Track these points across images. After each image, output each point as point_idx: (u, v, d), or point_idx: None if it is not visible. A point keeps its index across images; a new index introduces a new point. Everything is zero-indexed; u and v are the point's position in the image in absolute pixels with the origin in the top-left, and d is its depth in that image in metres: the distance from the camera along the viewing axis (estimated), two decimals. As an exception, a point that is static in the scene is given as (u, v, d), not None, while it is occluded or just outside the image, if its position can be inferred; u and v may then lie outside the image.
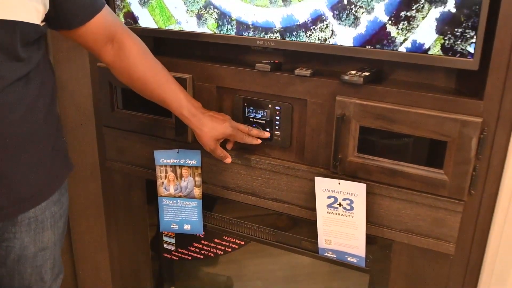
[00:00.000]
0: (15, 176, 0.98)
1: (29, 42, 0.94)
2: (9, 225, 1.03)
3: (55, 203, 1.11)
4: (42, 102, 1.01)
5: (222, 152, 1.18)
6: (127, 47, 1.08)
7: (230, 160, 1.21)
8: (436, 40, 0.97)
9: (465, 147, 1.00)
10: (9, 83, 0.91)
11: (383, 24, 1.01)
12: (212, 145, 1.15)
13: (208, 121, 1.13)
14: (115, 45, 1.08)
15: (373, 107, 1.06)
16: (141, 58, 1.10)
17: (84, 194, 1.59)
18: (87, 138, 1.52)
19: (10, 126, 0.93)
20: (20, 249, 1.07)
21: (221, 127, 1.14)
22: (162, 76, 1.12)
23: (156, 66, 1.13)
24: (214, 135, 1.14)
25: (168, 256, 1.56)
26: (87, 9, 1.02)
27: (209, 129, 1.13)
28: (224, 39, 1.21)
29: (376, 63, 1.13)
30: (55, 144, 1.08)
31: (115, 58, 1.09)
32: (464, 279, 1.14)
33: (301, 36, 1.11)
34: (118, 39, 1.08)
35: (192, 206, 1.36)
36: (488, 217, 1.06)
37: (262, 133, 1.22)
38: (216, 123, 1.14)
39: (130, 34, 1.11)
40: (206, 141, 1.14)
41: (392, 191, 1.11)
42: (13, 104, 0.93)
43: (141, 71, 1.10)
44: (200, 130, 1.13)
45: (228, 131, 1.15)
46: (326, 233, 1.20)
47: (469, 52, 0.95)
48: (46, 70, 1.04)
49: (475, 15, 0.92)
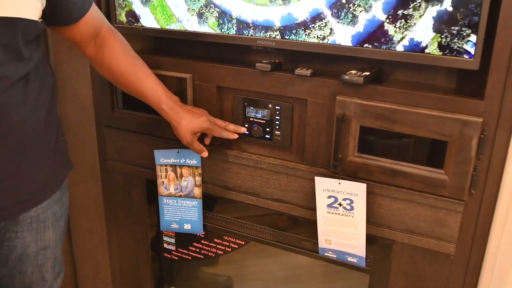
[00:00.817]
0: (17, 176, 0.98)
1: (29, 40, 0.94)
2: (11, 225, 1.03)
3: (56, 202, 1.11)
4: (43, 101, 1.01)
5: (199, 145, 1.20)
6: (109, 42, 1.12)
7: (206, 154, 1.23)
8: (433, 38, 0.97)
9: (466, 147, 0.99)
10: (12, 83, 0.91)
11: (381, 22, 1.01)
12: (189, 138, 1.17)
13: (185, 115, 1.16)
14: (98, 41, 1.12)
15: (373, 107, 1.06)
16: (122, 53, 1.14)
17: (84, 194, 1.59)
18: (87, 138, 1.52)
19: (12, 126, 0.93)
20: (22, 248, 1.07)
21: (198, 121, 1.16)
22: (142, 71, 1.16)
23: (137, 62, 1.16)
24: (191, 128, 1.16)
25: (168, 255, 1.56)
26: (80, 7, 1.05)
27: (186, 123, 1.15)
28: (224, 39, 1.21)
29: (376, 63, 1.13)
30: (56, 143, 1.08)
31: (97, 52, 1.13)
32: (465, 279, 1.14)
33: (300, 35, 1.11)
34: (102, 35, 1.12)
35: (192, 206, 1.36)
36: (489, 217, 1.06)
37: (239, 128, 1.24)
38: (193, 116, 1.16)
39: (114, 30, 1.15)
40: (183, 134, 1.17)
41: (393, 191, 1.11)
42: (16, 103, 0.93)
43: (122, 66, 1.14)
44: (178, 124, 1.16)
45: (205, 124, 1.17)
46: (326, 233, 1.20)
47: (466, 50, 0.95)
48: (45, 69, 1.04)
49: (471, 14, 0.92)
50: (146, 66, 1.17)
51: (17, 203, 1.01)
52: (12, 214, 1.02)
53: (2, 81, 0.89)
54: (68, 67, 1.44)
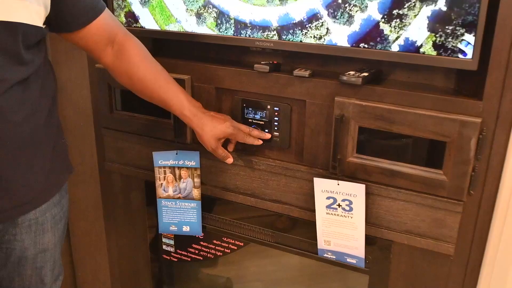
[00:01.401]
0: (16, 178, 0.98)
1: (31, 44, 0.94)
2: (9, 227, 1.03)
3: (55, 205, 1.10)
4: (44, 104, 1.01)
5: (224, 151, 1.18)
6: (127, 49, 1.09)
7: (231, 160, 1.20)
8: (428, 38, 0.98)
9: (464, 147, 0.99)
10: (10, 86, 0.91)
11: (376, 22, 1.02)
12: (214, 144, 1.15)
13: (209, 121, 1.14)
14: (115, 47, 1.08)
15: (372, 107, 1.06)
16: (141, 60, 1.11)
17: (83, 195, 1.58)
18: (86, 139, 1.52)
19: (12, 129, 0.93)
20: (21, 251, 1.07)
21: (222, 126, 1.14)
22: (162, 78, 1.13)
23: (156, 68, 1.13)
24: (215, 134, 1.14)
25: (167, 257, 1.56)
26: (88, 12, 1.02)
27: (210, 128, 1.13)
28: (223, 40, 1.21)
29: (375, 64, 1.13)
30: (55, 146, 1.08)
31: (115, 60, 1.09)
32: (464, 280, 1.14)
33: (297, 34, 1.11)
34: (119, 41, 1.08)
35: (191, 208, 1.36)
36: (488, 217, 1.06)
37: (263, 134, 1.22)
38: (217, 122, 1.14)
39: (131, 36, 1.11)
40: (207, 141, 1.14)
41: (391, 192, 1.11)
42: (15, 106, 0.93)
43: (141, 73, 1.10)
44: (201, 130, 1.13)
45: (229, 130, 1.15)
46: (325, 234, 1.20)
47: (461, 50, 0.95)
48: (47, 72, 1.04)
49: (465, 13, 0.93)
50: (165, 72, 1.14)
51: (15, 205, 1.00)
52: (10, 216, 1.01)
53: (1, 84, 0.89)
54: (66, 69, 1.44)
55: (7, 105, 0.91)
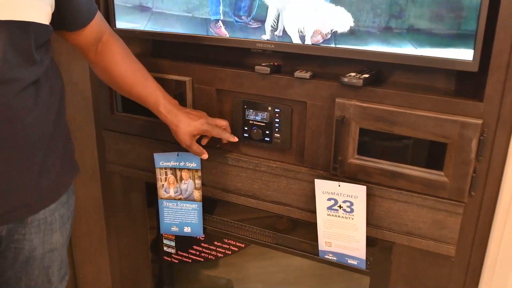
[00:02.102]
0: (26, 177, 0.98)
1: (40, 44, 0.95)
2: (19, 227, 1.04)
3: (63, 204, 1.11)
4: (53, 104, 1.02)
5: (198, 148, 1.20)
6: (110, 47, 1.13)
7: (206, 156, 1.22)
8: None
9: (465, 148, 0.99)
10: (24, 86, 0.92)
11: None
12: (188, 140, 1.17)
13: (183, 117, 1.16)
14: (99, 45, 1.13)
15: (372, 109, 1.06)
16: (121, 57, 1.15)
17: (84, 197, 1.58)
18: (87, 141, 1.52)
19: (24, 129, 0.94)
20: (29, 250, 1.07)
21: (196, 123, 1.16)
22: (141, 74, 1.17)
23: (136, 65, 1.17)
24: (189, 131, 1.16)
25: (168, 259, 1.56)
26: (86, 13, 1.06)
27: (184, 125, 1.16)
28: (223, 42, 1.21)
29: (375, 65, 1.13)
30: (64, 146, 1.09)
31: (97, 56, 1.13)
32: (465, 281, 1.13)
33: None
34: (104, 39, 1.13)
35: (192, 209, 1.36)
36: (489, 218, 1.06)
37: (232, 137, 1.24)
38: (191, 119, 1.16)
39: (114, 35, 1.16)
40: (182, 137, 1.17)
41: (392, 193, 1.11)
42: (28, 106, 0.94)
43: (121, 70, 1.15)
44: (176, 126, 1.16)
45: (203, 127, 1.17)
46: (326, 235, 1.20)
47: (462, 51, 0.95)
48: (55, 73, 1.06)
49: (467, 15, 0.93)
50: (145, 70, 1.18)
51: (25, 205, 1.01)
52: (20, 216, 1.02)
53: (16, 84, 0.90)
54: (67, 70, 1.44)
55: (22, 104, 0.92)
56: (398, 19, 1.00)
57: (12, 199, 0.97)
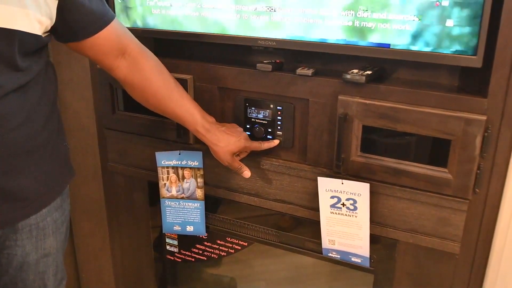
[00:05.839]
0: (13, 183, 0.97)
1: (29, 52, 0.93)
2: (10, 233, 1.03)
3: (56, 209, 1.10)
4: (42, 110, 1.00)
5: (239, 164, 1.19)
6: (140, 62, 1.08)
7: (249, 174, 1.20)
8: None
9: (469, 145, 0.99)
10: (6, 93, 0.90)
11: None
12: (229, 159, 1.16)
13: (222, 136, 1.14)
14: (127, 60, 1.07)
15: (375, 106, 1.05)
16: (155, 74, 1.10)
17: (86, 196, 1.58)
18: (88, 140, 1.51)
19: (8, 134, 0.92)
20: (22, 256, 1.06)
21: (236, 141, 1.15)
22: (176, 92, 1.12)
23: (170, 82, 1.12)
24: (230, 150, 1.15)
25: (171, 258, 1.56)
26: (96, 21, 1.00)
27: (224, 144, 1.14)
28: (225, 39, 1.20)
29: (378, 62, 1.12)
30: (54, 150, 1.06)
31: (128, 73, 1.08)
32: (470, 279, 1.13)
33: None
34: (130, 53, 1.07)
35: (195, 208, 1.36)
36: (493, 215, 1.06)
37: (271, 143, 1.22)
38: (231, 137, 1.15)
39: (143, 48, 1.10)
40: (222, 156, 1.15)
41: (396, 191, 1.10)
42: (11, 113, 0.92)
43: (155, 87, 1.09)
44: (216, 146, 1.14)
45: (243, 144, 1.16)
46: (329, 233, 1.19)
47: (466, 47, 0.94)
48: (47, 78, 1.03)
49: (471, 10, 0.92)
50: (180, 86, 1.14)
51: (14, 210, 0.99)
52: (10, 222, 1.01)
53: None
54: (68, 70, 1.44)
55: (4, 112, 0.90)
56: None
57: (0, 205, 0.96)
